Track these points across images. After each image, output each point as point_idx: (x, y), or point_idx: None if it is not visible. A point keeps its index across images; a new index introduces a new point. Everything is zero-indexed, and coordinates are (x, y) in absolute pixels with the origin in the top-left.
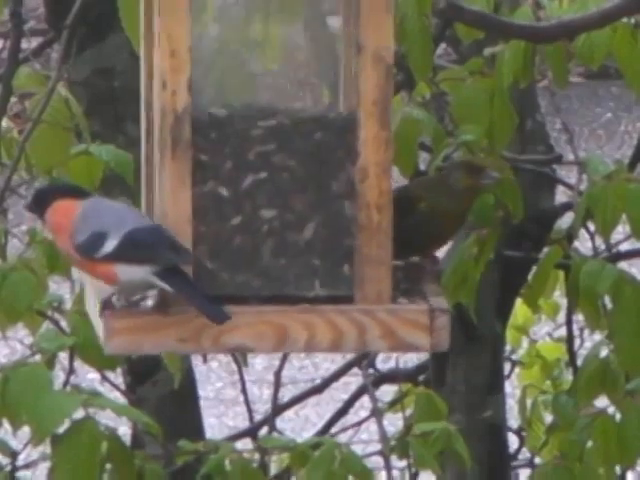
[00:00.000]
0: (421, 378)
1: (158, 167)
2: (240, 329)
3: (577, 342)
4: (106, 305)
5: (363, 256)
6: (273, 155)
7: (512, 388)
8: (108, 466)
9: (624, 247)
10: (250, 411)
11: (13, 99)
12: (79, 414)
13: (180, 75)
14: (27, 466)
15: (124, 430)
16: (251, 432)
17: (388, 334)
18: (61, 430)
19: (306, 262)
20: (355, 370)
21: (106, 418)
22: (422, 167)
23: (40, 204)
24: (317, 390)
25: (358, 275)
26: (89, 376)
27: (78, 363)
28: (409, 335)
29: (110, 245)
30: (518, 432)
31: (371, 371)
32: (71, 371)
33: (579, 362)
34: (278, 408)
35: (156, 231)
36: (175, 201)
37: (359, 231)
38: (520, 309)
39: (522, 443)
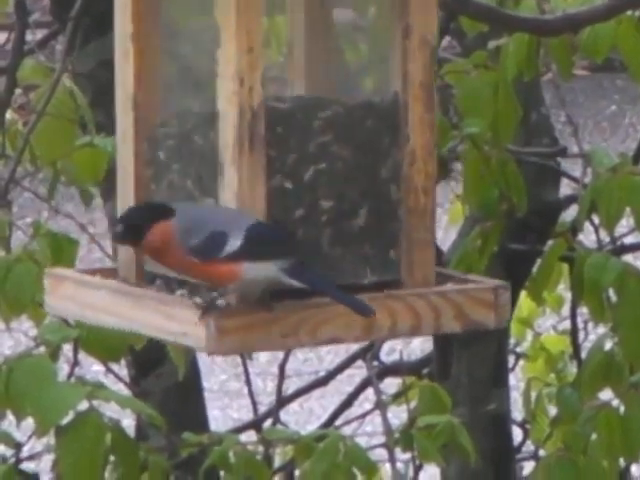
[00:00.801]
0: (425, 371)
1: (236, 164)
2: (333, 320)
3: (581, 335)
4: (212, 305)
5: (412, 240)
6: (331, 145)
7: (516, 381)
8: (112, 458)
9: (628, 240)
10: (254, 403)
11: (18, 91)
12: (83, 406)
13: (256, 71)
14: (31, 458)
15: (128, 422)
16: (255, 424)
17: (460, 314)
18: (65, 422)
19: (359, 249)
20: (359, 362)
21: (110, 410)
22: None
23: (137, 234)
24: (321, 383)
25: (407, 259)
26: (93, 368)
27: (82, 355)
28: (477, 313)
29: (234, 243)
30: (522, 425)
31: (375, 363)
32: (75, 363)
33: (583, 355)
34: (282, 400)
35: (274, 227)
36: (252, 197)
37: (407, 215)
38: (524, 302)
39: (526, 436)
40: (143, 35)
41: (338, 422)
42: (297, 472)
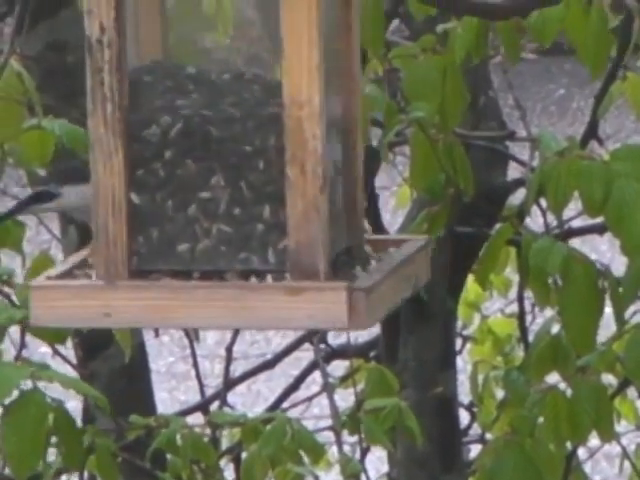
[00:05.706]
0: (372, 354)
1: None
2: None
3: (529, 318)
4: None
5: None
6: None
7: (464, 364)
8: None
9: (576, 224)
10: (201, 385)
11: None
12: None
13: None
14: None
15: (75, 405)
16: (202, 407)
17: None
18: (9, 401)
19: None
20: (307, 345)
21: (57, 393)
22: (374, 143)
23: None
24: (269, 365)
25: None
26: (41, 350)
27: (30, 337)
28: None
29: None
30: (469, 408)
31: (322, 346)
32: (22, 345)
33: (530, 338)
34: (230, 383)
35: None
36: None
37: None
38: (472, 285)
39: (473, 419)
40: None
41: (285, 405)
42: (244, 455)
